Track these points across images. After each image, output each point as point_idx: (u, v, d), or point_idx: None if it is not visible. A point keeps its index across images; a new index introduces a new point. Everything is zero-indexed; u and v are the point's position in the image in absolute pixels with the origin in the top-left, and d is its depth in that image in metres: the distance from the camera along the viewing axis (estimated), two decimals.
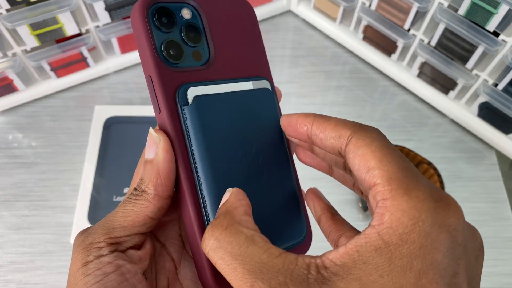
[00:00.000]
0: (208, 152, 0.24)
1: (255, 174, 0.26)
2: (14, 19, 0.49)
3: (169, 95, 0.24)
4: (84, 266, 0.22)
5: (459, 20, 0.50)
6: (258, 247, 0.19)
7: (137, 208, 0.23)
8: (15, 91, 0.57)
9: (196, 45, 0.25)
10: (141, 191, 0.24)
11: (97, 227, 0.24)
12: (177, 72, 0.24)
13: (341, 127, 0.22)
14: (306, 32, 0.67)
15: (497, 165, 0.56)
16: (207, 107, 0.24)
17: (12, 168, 0.54)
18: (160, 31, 0.24)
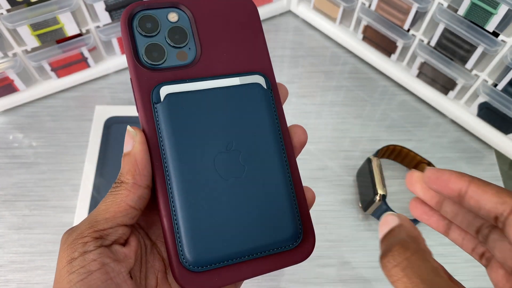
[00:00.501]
0: (177, 148, 0.25)
1: (232, 172, 0.25)
2: (15, 19, 0.49)
3: (145, 94, 0.25)
4: (69, 264, 0.22)
5: (459, 20, 0.50)
6: (443, 281, 0.19)
7: (117, 199, 0.24)
8: (15, 91, 0.57)
9: (182, 46, 0.26)
10: (120, 182, 0.25)
11: (81, 223, 0.24)
12: (158, 73, 0.25)
13: (505, 194, 0.22)
14: (306, 32, 0.67)
15: (497, 165, 0.56)
16: (179, 105, 0.25)
17: (13, 168, 0.54)
18: (142, 36, 0.26)
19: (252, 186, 0.25)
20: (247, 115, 0.26)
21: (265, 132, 0.26)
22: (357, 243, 0.51)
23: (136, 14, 0.26)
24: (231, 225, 0.25)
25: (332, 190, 0.54)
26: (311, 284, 0.48)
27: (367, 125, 0.59)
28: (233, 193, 0.25)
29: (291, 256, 0.26)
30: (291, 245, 0.26)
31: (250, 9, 0.28)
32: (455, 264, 0.50)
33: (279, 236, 0.26)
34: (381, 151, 0.53)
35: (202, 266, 0.24)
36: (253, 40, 0.28)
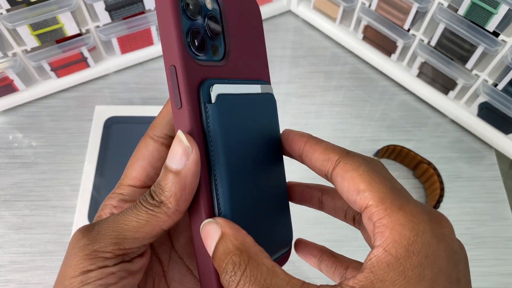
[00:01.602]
0: (226, 155, 0.22)
1: (257, 181, 0.24)
2: (15, 19, 0.49)
3: (193, 89, 0.22)
4: (84, 274, 0.21)
5: (459, 20, 0.50)
6: (280, 279, 0.19)
7: (153, 221, 0.22)
8: (15, 91, 0.57)
9: (215, 39, 0.24)
10: (159, 201, 0.22)
11: (106, 233, 0.22)
12: (200, 66, 0.22)
13: (330, 151, 0.23)
14: (306, 32, 0.67)
15: (497, 165, 0.56)
16: (228, 107, 0.23)
17: (13, 168, 0.54)
18: (187, 17, 0.22)
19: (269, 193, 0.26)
20: (266, 124, 0.26)
21: (276, 142, 0.27)
22: (357, 243, 0.51)
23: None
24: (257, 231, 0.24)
25: None
26: None
27: (367, 125, 0.59)
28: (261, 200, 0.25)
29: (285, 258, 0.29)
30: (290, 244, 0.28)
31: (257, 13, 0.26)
32: None
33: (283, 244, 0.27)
34: (381, 151, 0.53)
35: None
36: (260, 46, 0.27)
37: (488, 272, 0.49)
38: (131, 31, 0.57)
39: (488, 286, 0.49)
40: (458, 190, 0.54)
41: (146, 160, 0.25)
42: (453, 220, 0.56)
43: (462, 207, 0.53)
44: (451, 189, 0.54)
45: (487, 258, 0.50)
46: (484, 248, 0.51)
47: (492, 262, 0.50)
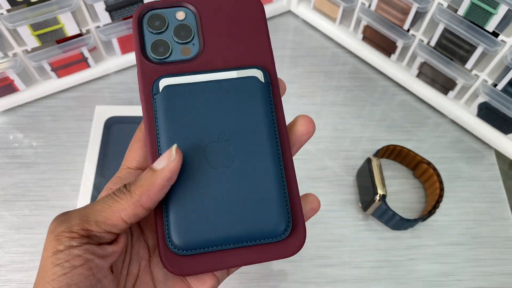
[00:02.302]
0: (169, 136, 0.26)
1: (223, 161, 0.26)
2: (15, 19, 0.49)
3: (147, 86, 0.27)
4: (55, 255, 0.23)
5: (459, 20, 0.50)
6: None
7: (114, 206, 0.24)
8: (15, 91, 0.57)
9: (186, 42, 0.28)
10: (127, 190, 0.24)
11: (73, 214, 0.24)
12: (161, 67, 0.28)
13: None
14: (306, 33, 0.67)
15: (497, 165, 0.56)
16: (175, 96, 0.27)
17: (13, 168, 0.54)
18: (151, 32, 0.28)
19: (241, 176, 0.26)
20: (242, 107, 0.27)
21: (258, 125, 0.27)
22: (357, 243, 0.51)
23: (146, 13, 0.28)
24: (218, 212, 0.26)
25: (332, 190, 0.54)
26: (311, 284, 0.48)
27: (367, 125, 0.59)
28: (221, 182, 0.26)
29: (279, 249, 0.26)
30: (278, 237, 0.26)
31: (254, 5, 0.29)
32: (455, 264, 0.50)
33: (265, 228, 0.26)
34: (381, 151, 0.53)
35: (187, 250, 0.25)
36: (256, 35, 0.29)
37: (488, 272, 0.49)
38: (131, 31, 0.57)
39: (488, 286, 0.49)
40: (457, 190, 0.54)
41: (142, 141, 0.28)
42: (453, 220, 0.56)
43: (461, 207, 0.53)
44: (451, 189, 0.54)
45: (487, 258, 0.50)
46: (484, 248, 0.51)
47: (492, 262, 0.50)
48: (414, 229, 0.51)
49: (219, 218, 0.26)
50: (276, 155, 0.27)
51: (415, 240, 0.51)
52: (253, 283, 0.48)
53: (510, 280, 0.49)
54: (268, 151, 0.27)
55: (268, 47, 0.29)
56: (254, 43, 0.29)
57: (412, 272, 0.49)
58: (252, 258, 0.26)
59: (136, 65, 0.28)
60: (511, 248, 0.51)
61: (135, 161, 0.28)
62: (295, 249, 0.27)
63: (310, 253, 0.50)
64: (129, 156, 0.28)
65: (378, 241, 0.51)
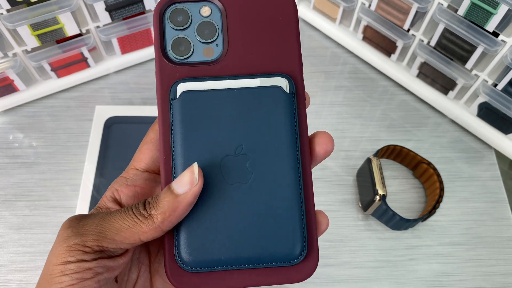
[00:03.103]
0: (184, 147, 0.25)
1: (239, 177, 0.25)
2: (15, 19, 0.49)
3: (165, 89, 0.25)
4: (64, 265, 0.22)
5: (459, 20, 0.50)
6: None
7: (134, 229, 0.23)
8: (15, 91, 0.57)
9: (210, 41, 0.26)
10: (148, 214, 0.23)
11: (89, 228, 0.23)
12: (181, 68, 0.26)
13: None
14: (306, 33, 0.67)
15: (497, 165, 0.56)
16: (193, 103, 0.25)
17: (13, 168, 0.54)
18: (172, 29, 0.26)
19: (256, 194, 0.25)
20: (263, 119, 0.25)
21: (280, 139, 0.25)
22: (357, 243, 0.51)
23: (169, 6, 0.26)
24: (229, 231, 0.24)
25: (332, 190, 0.54)
26: (311, 284, 0.48)
27: (367, 125, 0.59)
28: (236, 199, 0.25)
29: (290, 273, 0.25)
30: (291, 262, 0.25)
31: (287, 6, 0.27)
32: (455, 264, 0.50)
33: (280, 251, 0.24)
34: (381, 151, 0.53)
35: (196, 268, 0.24)
36: (285, 40, 0.27)
37: (488, 272, 0.49)
38: (131, 31, 0.57)
39: (488, 286, 0.49)
40: (457, 190, 0.54)
41: (152, 143, 0.27)
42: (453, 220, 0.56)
43: (461, 207, 0.53)
44: (451, 189, 0.54)
45: (487, 258, 0.50)
46: (484, 248, 0.51)
47: (492, 262, 0.50)
48: (414, 229, 0.51)
49: (231, 237, 0.24)
50: (295, 174, 0.25)
51: (415, 240, 0.51)
52: None
53: (510, 280, 0.49)
54: (287, 169, 0.25)
55: (298, 53, 0.27)
56: (282, 48, 0.27)
57: (412, 272, 0.49)
58: (262, 281, 0.25)
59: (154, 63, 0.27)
60: (511, 248, 0.51)
61: (144, 163, 0.27)
62: (307, 274, 0.25)
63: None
64: (137, 157, 0.27)
65: (378, 241, 0.51)
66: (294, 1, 0.27)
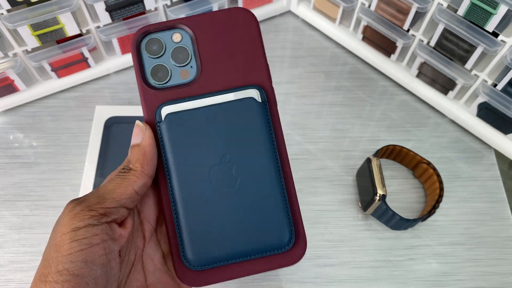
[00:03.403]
0: (176, 163, 0.28)
1: (227, 182, 0.28)
2: (15, 19, 0.49)
3: (151, 114, 0.28)
4: (73, 231, 0.24)
5: (459, 20, 0.50)
6: None
7: (125, 182, 0.27)
8: (16, 91, 0.57)
9: (184, 64, 0.29)
10: (128, 169, 0.27)
11: (89, 196, 0.26)
12: (162, 92, 0.28)
13: None
14: (305, 33, 0.67)
15: (496, 165, 0.56)
16: (177, 123, 0.28)
17: (13, 168, 0.54)
18: (150, 58, 0.29)
19: (245, 195, 0.28)
20: (241, 128, 0.28)
21: (258, 144, 0.28)
22: (356, 242, 0.51)
23: (144, 37, 0.29)
24: (226, 230, 0.28)
25: (332, 190, 0.54)
26: (311, 284, 0.48)
27: (367, 125, 0.59)
28: (227, 202, 0.28)
29: (283, 259, 0.29)
30: (283, 249, 0.28)
31: (249, 20, 0.29)
32: (455, 264, 0.50)
33: (272, 241, 0.28)
34: (381, 151, 0.53)
35: (201, 266, 0.28)
36: (251, 52, 0.29)
37: (487, 272, 0.49)
38: (131, 31, 0.57)
39: (488, 286, 0.49)
40: (457, 190, 0.54)
41: None
42: (453, 220, 0.56)
43: (461, 207, 0.53)
44: (451, 189, 0.54)
45: (486, 258, 0.50)
46: (484, 248, 0.51)
47: (492, 261, 0.50)
48: (414, 229, 0.52)
49: (228, 235, 0.28)
50: (276, 172, 0.28)
51: (415, 240, 0.51)
52: (253, 283, 0.48)
53: (510, 280, 0.49)
54: (268, 169, 0.28)
55: (264, 64, 0.29)
56: (250, 61, 0.29)
57: (411, 272, 0.49)
58: (259, 268, 0.28)
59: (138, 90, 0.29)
60: (510, 248, 0.51)
61: None
62: (298, 257, 0.29)
63: (309, 252, 0.50)
64: None
65: (377, 241, 0.51)
66: (254, 16, 0.29)
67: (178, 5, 0.58)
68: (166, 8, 0.58)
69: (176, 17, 0.58)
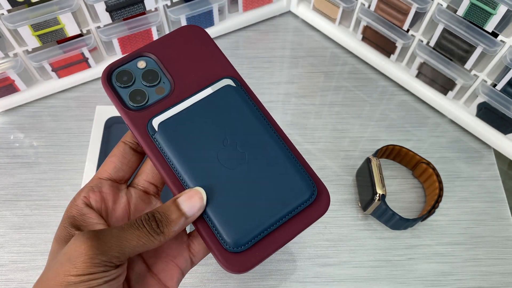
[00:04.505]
0: (184, 163, 0.29)
1: (236, 160, 0.29)
2: (16, 19, 0.49)
3: (143, 132, 0.30)
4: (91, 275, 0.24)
5: (458, 20, 0.50)
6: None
7: (149, 244, 0.26)
8: (16, 91, 0.58)
9: (157, 83, 0.31)
10: (160, 232, 0.26)
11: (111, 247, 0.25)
12: (147, 111, 0.30)
13: None
14: (305, 33, 0.67)
15: (496, 164, 0.56)
16: (172, 127, 0.29)
17: (14, 168, 0.54)
18: (123, 88, 0.31)
19: (257, 165, 0.29)
20: (230, 111, 0.30)
21: (250, 118, 0.30)
22: (356, 242, 0.51)
23: (112, 73, 0.31)
24: (253, 203, 0.29)
25: (332, 190, 0.54)
26: (311, 284, 0.49)
27: (366, 125, 0.59)
28: (244, 177, 0.29)
29: (313, 211, 0.29)
30: (309, 201, 0.29)
31: (200, 33, 0.32)
32: (454, 264, 0.50)
33: (297, 197, 0.29)
34: (381, 151, 0.53)
35: (243, 246, 0.28)
36: (211, 55, 0.32)
37: (487, 272, 0.50)
38: (131, 31, 0.57)
39: (487, 286, 0.49)
40: (457, 190, 0.54)
41: (116, 156, 0.31)
42: (452, 220, 0.56)
43: (461, 207, 0.53)
44: (450, 189, 0.54)
45: (486, 258, 0.50)
46: (483, 247, 0.51)
47: (491, 261, 0.50)
48: (414, 228, 0.52)
49: (256, 207, 0.29)
50: (276, 138, 0.30)
51: (415, 239, 0.51)
52: (253, 282, 0.48)
53: (510, 280, 0.49)
54: (268, 137, 0.30)
55: (226, 61, 0.32)
56: (214, 61, 0.32)
57: (411, 271, 0.49)
58: (297, 228, 0.29)
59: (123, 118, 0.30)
60: (510, 247, 0.51)
61: (107, 173, 0.31)
62: (325, 205, 0.30)
63: (309, 252, 0.50)
64: (102, 169, 0.31)
65: (377, 240, 0.51)
66: (201, 27, 0.33)
67: (178, 5, 0.58)
68: (166, 9, 0.58)
69: (176, 17, 0.58)
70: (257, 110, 0.31)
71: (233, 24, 0.65)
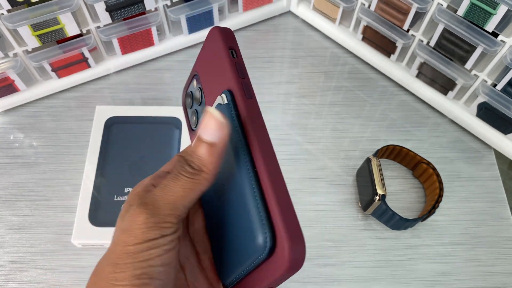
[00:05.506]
0: None
1: (220, 191, 0.27)
2: (15, 19, 0.49)
3: None
4: (150, 242, 0.24)
5: (458, 20, 0.50)
6: None
7: (196, 187, 0.25)
8: (16, 91, 0.58)
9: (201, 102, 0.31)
10: (199, 170, 0.25)
11: (161, 207, 0.24)
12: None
13: None
14: (305, 33, 0.67)
15: (496, 165, 0.56)
16: None
17: (14, 168, 0.54)
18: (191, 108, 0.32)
19: (230, 203, 0.26)
20: None
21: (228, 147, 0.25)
22: (356, 242, 0.51)
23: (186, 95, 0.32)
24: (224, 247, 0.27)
25: (332, 190, 0.54)
26: (311, 284, 0.48)
27: (366, 125, 0.59)
28: (222, 213, 0.27)
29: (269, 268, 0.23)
30: (261, 255, 0.22)
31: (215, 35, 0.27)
32: (455, 264, 0.50)
33: (249, 249, 0.23)
34: (381, 151, 0.53)
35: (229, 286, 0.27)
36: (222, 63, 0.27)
37: (487, 272, 0.50)
38: (131, 31, 0.57)
39: (487, 286, 0.49)
40: (457, 190, 0.54)
41: None
42: (453, 220, 0.56)
43: (461, 207, 0.53)
44: (451, 189, 0.54)
45: (486, 258, 0.50)
46: (483, 247, 0.51)
47: (491, 261, 0.50)
48: (414, 229, 0.52)
49: (226, 251, 0.27)
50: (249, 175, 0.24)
51: (415, 240, 0.51)
52: None
53: (510, 280, 0.49)
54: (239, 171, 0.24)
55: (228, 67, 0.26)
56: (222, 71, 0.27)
57: (411, 271, 0.49)
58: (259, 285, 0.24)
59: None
60: (510, 248, 0.51)
61: None
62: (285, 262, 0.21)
63: (309, 252, 0.50)
64: None
65: (377, 240, 0.51)
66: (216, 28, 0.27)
67: (178, 5, 0.58)
68: (166, 8, 0.58)
69: (176, 17, 0.58)
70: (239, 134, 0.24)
71: (233, 24, 0.65)
